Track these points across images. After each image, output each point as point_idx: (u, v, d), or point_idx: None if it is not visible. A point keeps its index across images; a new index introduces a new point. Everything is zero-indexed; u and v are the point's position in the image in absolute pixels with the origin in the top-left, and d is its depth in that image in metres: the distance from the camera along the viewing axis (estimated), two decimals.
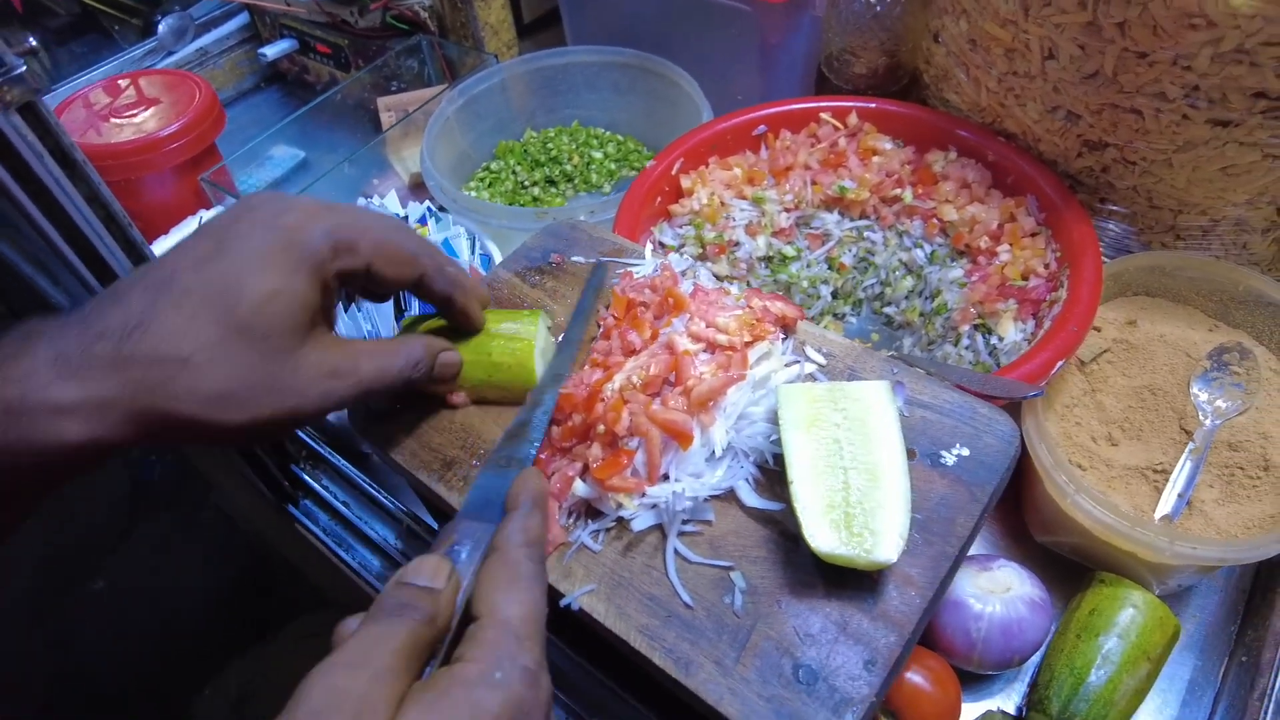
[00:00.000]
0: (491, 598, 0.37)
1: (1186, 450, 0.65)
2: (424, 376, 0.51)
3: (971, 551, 0.55)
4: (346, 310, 0.74)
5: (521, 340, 0.56)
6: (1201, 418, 0.66)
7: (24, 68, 0.44)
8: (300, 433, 0.71)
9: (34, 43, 0.45)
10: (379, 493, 0.68)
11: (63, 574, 1.87)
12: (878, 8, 0.83)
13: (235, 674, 1.43)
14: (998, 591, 0.59)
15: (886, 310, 0.81)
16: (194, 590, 1.77)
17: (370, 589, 0.65)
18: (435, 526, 0.67)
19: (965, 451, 0.50)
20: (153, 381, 0.40)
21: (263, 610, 1.47)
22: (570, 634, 0.57)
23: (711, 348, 0.54)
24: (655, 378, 0.52)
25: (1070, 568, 0.67)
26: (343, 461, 0.70)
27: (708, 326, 0.55)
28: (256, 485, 0.67)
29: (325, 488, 0.70)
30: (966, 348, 0.72)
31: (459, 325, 0.56)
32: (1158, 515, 0.63)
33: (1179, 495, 0.63)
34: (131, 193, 0.89)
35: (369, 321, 0.74)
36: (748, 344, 0.54)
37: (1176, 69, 0.62)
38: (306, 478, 0.70)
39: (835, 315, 0.82)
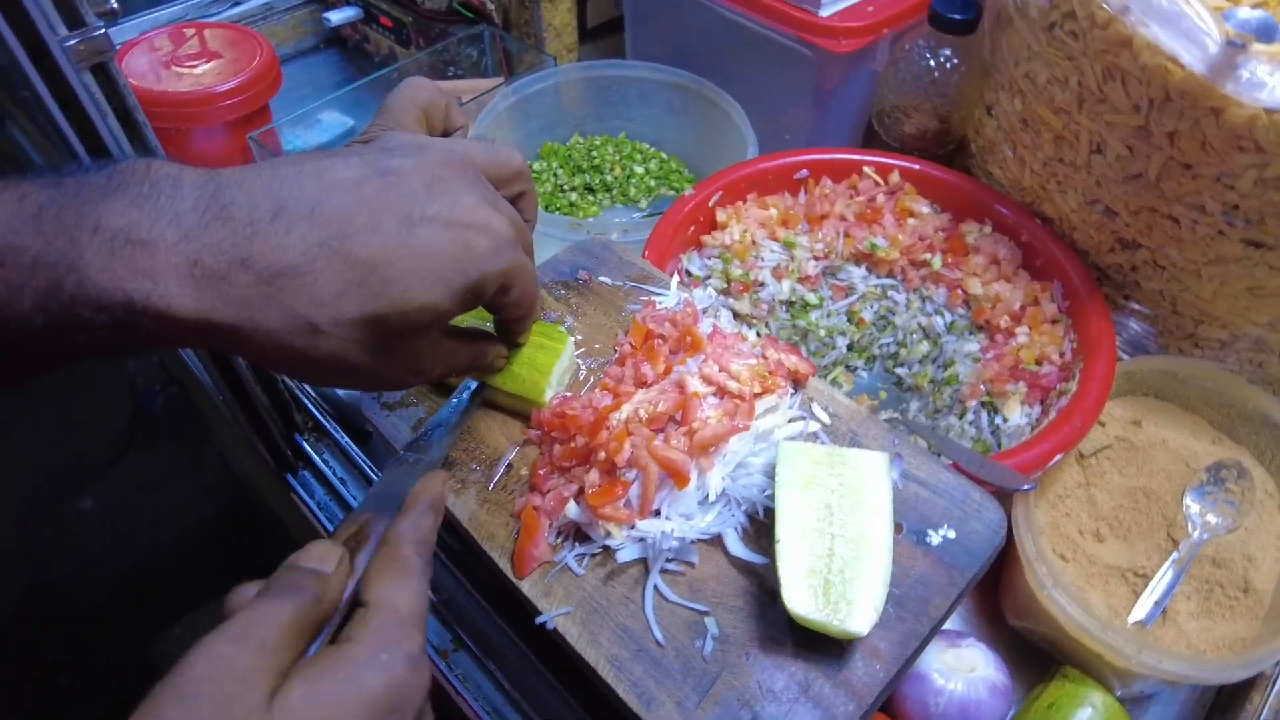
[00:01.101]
0: (381, 587, 0.38)
1: (1170, 559, 0.66)
2: (462, 372, 0.54)
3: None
4: None
5: (544, 357, 0.57)
6: (1190, 529, 0.67)
7: (103, 30, 0.45)
8: (310, 404, 0.73)
9: (115, 4, 0.45)
10: (377, 476, 0.69)
11: (54, 486, 1.90)
12: (936, 73, 0.83)
13: (207, 616, 1.44)
14: (962, 670, 0.60)
15: (898, 370, 0.82)
16: (180, 526, 1.79)
17: None
18: None
19: (951, 534, 0.51)
20: (271, 329, 0.39)
21: (244, 559, 1.48)
22: (539, 648, 0.58)
23: (721, 393, 0.55)
24: (662, 414, 0.53)
25: (1037, 655, 0.67)
26: (346, 439, 0.72)
27: (720, 370, 0.56)
28: (258, 449, 0.68)
29: (326, 462, 0.71)
30: (970, 423, 0.73)
31: (507, 337, 0.57)
32: (1132, 619, 0.64)
33: (1156, 602, 0.64)
34: (179, 142, 0.91)
35: None
36: (756, 395, 0.55)
37: (1219, 185, 0.63)
38: (309, 449, 0.71)
39: (848, 367, 0.83)
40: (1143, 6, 0.59)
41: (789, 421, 0.56)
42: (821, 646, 0.47)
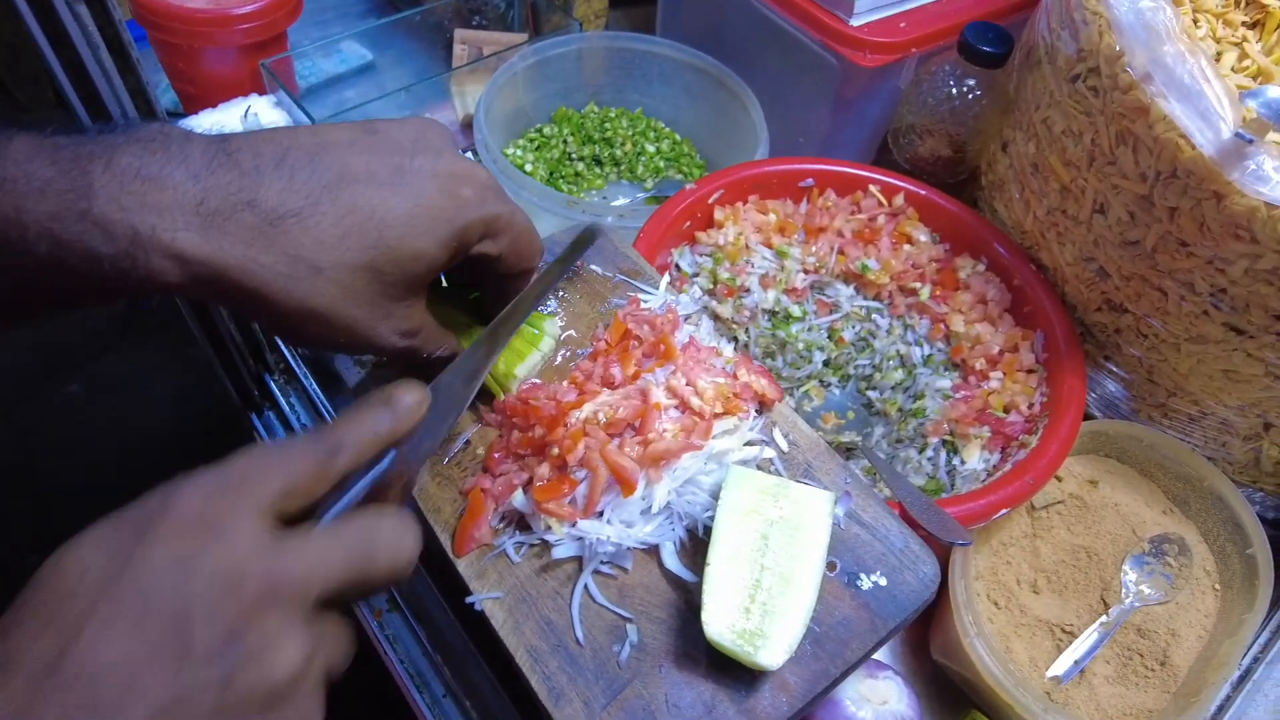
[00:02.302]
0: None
1: (1098, 621, 0.67)
2: (436, 364, 0.54)
3: None
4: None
5: (522, 344, 0.57)
6: (1123, 595, 0.68)
7: None
8: (282, 346, 0.73)
9: None
10: None
11: (43, 368, 1.91)
12: (957, 101, 0.82)
13: None
14: (874, 701, 0.62)
15: (870, 393, 0.82)
16: (163, 423, 1.80)
17: None
18: None
19: (883, 581, 0.52)
20: (276, 273, 0.41)
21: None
22: (469, 624, 0.59)
23: (683, 406, 0.56)
24: (620, 420, 0.54)
25: (953, 695, 0.69)
26: (314, 386, 0.72)
27: (687, 384, 0.56)
28: (224, 384, 0.69)
29: (291, 405, 0.72)
30: (929, 459, 0.74)
31: (492, 312, 0.57)
32: (1049, 673, 0.66)
33: (1076, 661, 0.66)
34: (191, 60, 0.89)
35: None
36: (717, 415, 0.55)
37: (1211, 268, 0.63)
38: (277, 391, 0.72)
39: (821, 382, 0.84)
40: (1165, 78, 0.58)
41: (745, 445, 0.56)
42: (734, 671, 0.48)
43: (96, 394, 1.91)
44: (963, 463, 0.72)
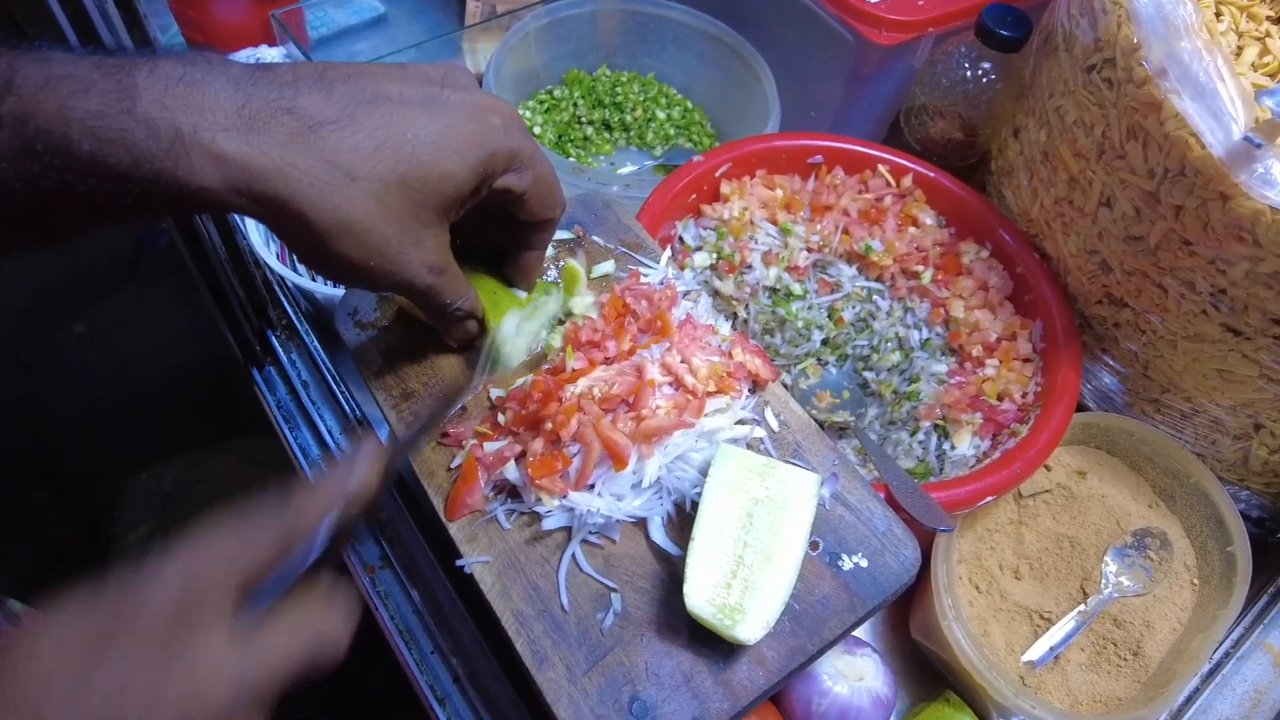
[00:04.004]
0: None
1: (1076, 610, 0.68)
2: (454, 321, 0.55)
3: None
4: None
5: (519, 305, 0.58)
6: (1103, 585, 0.69)
7: None
8: (284, 301, 0.73)
9: None
10: (337, 384, 0.71)
11: (50, 305, 1.91)
12: (971, 84, 0.81)
13: (174, 469, 1.49)
14: (850, 677, 0.64)
15: (866, 374, 0.83)
16: (166, 365, 1.81)
17: (302, 471, 0.69)
18: (383, 434, 0.70)
19: (864, 562, 0.53)
20: (312, 178, 0.41)
21: (222, 415, 1.51)
22: (459, 584, 0.61)
23: (677, 384, 0.56)
24: (615, 396, 0.55)
25: (929, 673, 0.71)
26: (315, 343, 0.73)
27: (682, 362, 0.57)
28: (226, 339, 0.70)
29: (293, 361, 0.73)
30: (920, 442, 0.75)
31: (508, 275, 0.58)
32: (1025, 657, 0.67)
33: (1051, 648, 0.67)
34: (201, 8, 0.88)
35: None
36: (710, 393, 0.56)
37: (1213, 268, 0.62)
38: (278, 347, 0.73)
39: (819, 360, 0.84)
40: (1180, 74, 0.58)
41: (736, 424, 0.57)
42: (713, 644, 0.49)
43: (101, 334, 1.91)
44: (953, 448, 0.73)
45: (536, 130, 0.99)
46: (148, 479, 1.44)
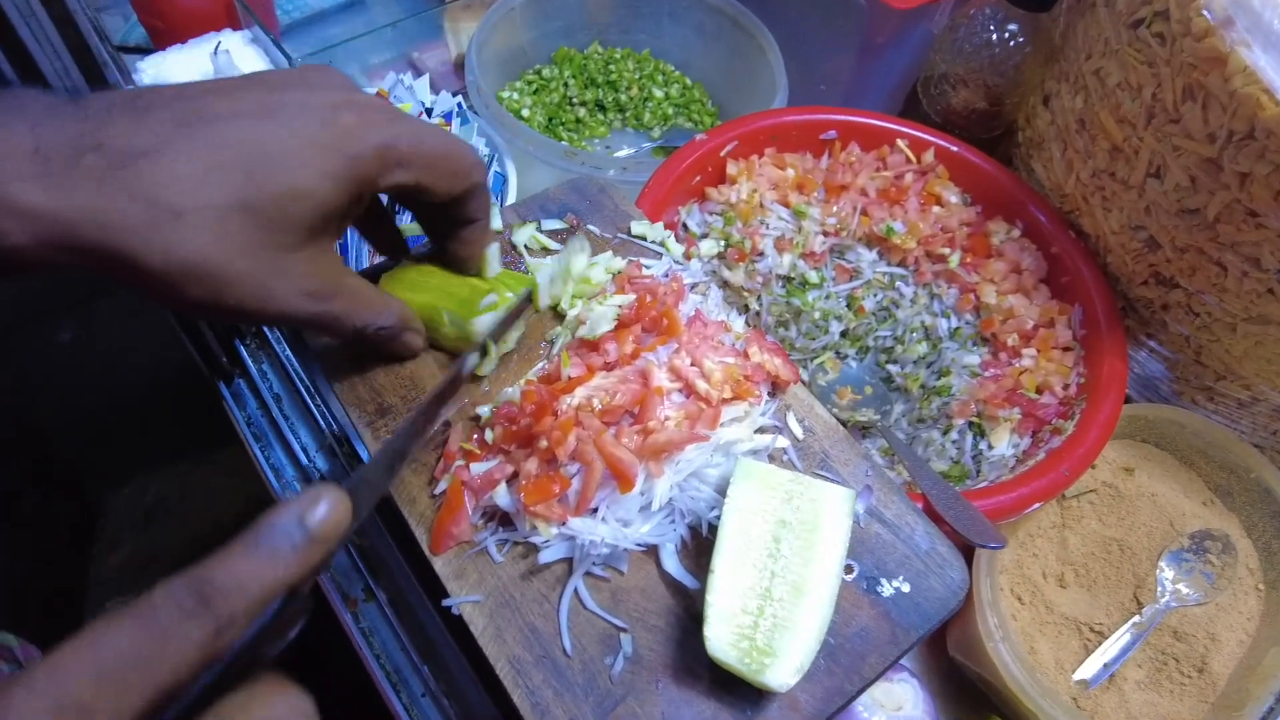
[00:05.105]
0: None
1: (1130, 621, 0.62)
2: (381, 341, 0.48)
3: None
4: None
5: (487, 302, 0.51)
6: (1159, 594, 0.63)
7: None
8: None
9: None
10: (311, 399, 0.64)
11: (35, 312, 1.88)
12: (997, 48, 0.75)
13: (157, 483, 1.43)
14: (888, 706, 0.58)
15: (890, 367, 0.76)
16: (151, 379, 1.77)
17: (275, 493, 0.63)
18: (363, 453, 0.64)
19: (906, 587, 0.47)
20: (133, 222, 0.36)
21: (209, 424, 1.48)
22: (450, 618, 0.55)
23: (688, 390, 0.50)
24: (618, 407, 0.48)
25: (970, 694, 0.65)
26: (289, 351, 0.66)
27: (692, 365, 0.50)
28: (189, 352, 0.63)
29: (263, 373, 0.66)
30: (953, 441, 0.68)
31: (458, 258, 0.52)
32: (1077, 676, 0.61)
33: (1105, 664, 0.61)
34: None
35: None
36: (725, 400, 0.50)
37: None
38: (247, 358, 0.66)
39: (838, 354, 0.78)
40: (1250, 23, 0.51)
41: (756, 433, 0.51)
42: (738, 689, 0.43)
43: (87, 343, 1.90)
44: (990, 447, 0.66)
45: (525, 113, 0.92)
46: (129, 494, 1.39)
